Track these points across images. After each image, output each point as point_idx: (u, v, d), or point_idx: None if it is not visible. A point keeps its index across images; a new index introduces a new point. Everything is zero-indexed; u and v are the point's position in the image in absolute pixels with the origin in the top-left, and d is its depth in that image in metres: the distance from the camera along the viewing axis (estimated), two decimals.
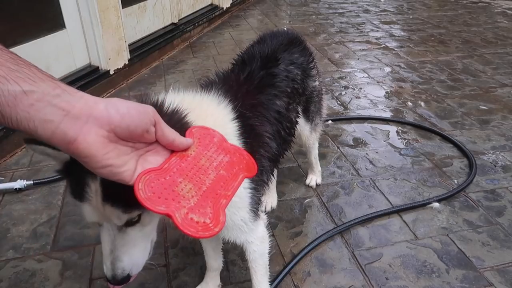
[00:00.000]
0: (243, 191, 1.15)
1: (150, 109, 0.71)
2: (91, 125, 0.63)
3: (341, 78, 3.69)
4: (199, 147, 0.83)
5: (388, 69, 3.92)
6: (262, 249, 1.35)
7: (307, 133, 1.92)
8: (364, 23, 5.49)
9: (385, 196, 2.17)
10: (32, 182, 2.13)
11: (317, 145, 2.13)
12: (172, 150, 0.79)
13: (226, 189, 0.80)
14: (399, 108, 3.15)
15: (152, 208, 0.69)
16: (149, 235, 0.96)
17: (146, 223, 0.91)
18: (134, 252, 0.91)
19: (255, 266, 1.39)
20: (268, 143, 1.30)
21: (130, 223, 0.88)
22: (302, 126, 1.85)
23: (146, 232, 0.94)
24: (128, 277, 0.90)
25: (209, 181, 0.79)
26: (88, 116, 0.63)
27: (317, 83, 1.84)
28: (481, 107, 3.18)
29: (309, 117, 1.86)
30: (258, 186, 1.23)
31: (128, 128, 0.67)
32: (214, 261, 1.57)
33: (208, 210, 0.74)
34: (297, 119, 1.68)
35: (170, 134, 0.75)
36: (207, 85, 1.27)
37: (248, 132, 1.17)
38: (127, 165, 0.69)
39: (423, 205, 2.09)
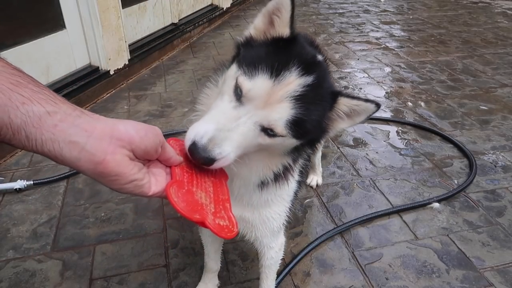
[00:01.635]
0: (292, 184, 1.17)
1: (159, 131, 0.76)
2: (115, 145, 0.67)
3: (341, 78, 3.69)
4: (184, 157, 0.87)
5: (388, 69, 3.92)
6: (278, 257, 1.39)
7: None
8: (364, 23, 5.49)
9: (385, 196, 2.17)
10: (32, 182, 2.13)
11: (321, 147, 2.13)
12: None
13: (223, 193, 0.87)
14: (399, 108, 3.15)
15: (191, 217, 0.75)
16: (254, 148, 0.89)
17: (274, 147, 0.89)
18: (238, 150, 0.85)
19: (267, 272, 1.41)
20: None
21: (268, 132, 0.85)
22: None
23: (260, 146, 0.88)
24: (212, 161, 0.82)
25: (210, 188, 0.86)
26: (110, 137, 0.66)
27: None
28: (481, 107, 3.18)
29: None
30: (301, 180, 1.26)
31: (146, 148, 0.72)
32: (215, 263, 1.57)
33: (223, 214, 0.82)
34: None
35: (169, 152, 0.81)
36: None
37: None
38: (145, 178, 0.74)
39: (423, 205, 2.09)
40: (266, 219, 1.18)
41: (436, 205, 2.09)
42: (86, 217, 1.97)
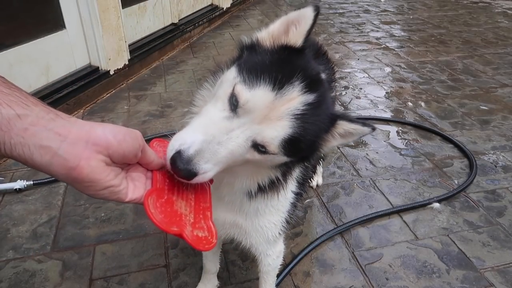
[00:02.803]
0: (288, 194, 1.13)
1: (139, 135, 0.73)
2: (90, 150, 0.64)
3: (341, 78, 3.68)
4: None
5: (388, 69, 3.92)
6: (276, 264, 1.38)
7: None
8: (364, 23, 5.49)
9: (385, 197, 2.17)
10: (32, 182, 2.13)
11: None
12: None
13: (204, 200, 0.84)
14: (400, 108, 3.15)
15: (168, 229, 0.72)
16: (239, 163, 0.84)
17: (262, 160, 0.83)
18: (220, 166, 0.79)
19: (266, 277, 1.41)
20: None
21: (259, 148, 0.79)
22: None
23: (247, 161, 0.84)
24: (194, 175, 0.75)
25: (192, 194, 0.82)
26: (86, 141, 0.63)
27: (333, 93, 1.85)
28: (481, 107, 3.18)
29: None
30: (301, 191, 1.23)
31: (123, 153, 0.69)
32: (213, 265, 1.56)
33: (202, 224, 0.79)
34: None
35: (150, 156, 0.78)
36: None
37: None
38: (122, 184, 0.71)
39: (423, 205, 2.09)
40: (259, 228, 1.15)
41: (436, 205, 2.09)
42: (86, 217, 1.97)
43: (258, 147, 0.79)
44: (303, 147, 0.83)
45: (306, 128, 0.80)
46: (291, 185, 1.13)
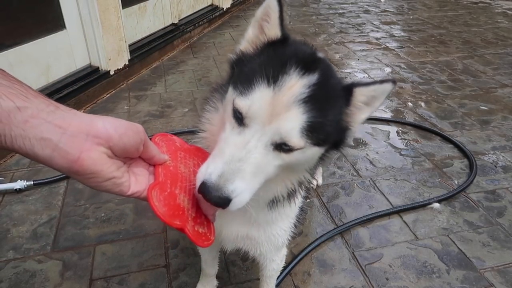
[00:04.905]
0: (298, 200, 1.11)
1: (141, 129, 0.73)
2: (91, 142, 0.64)
3: (341, 78, 3.68)
4: (171, 156, 0.85)
5: (388, 70, 3.92)
6: (279, 268, 1.38)
7: None
8: (364, 23, 5.49)
9: (385, 197, 2.17)
10: (32, 182, 2.13)
11: None
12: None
13: None
14: (400, 108, 3.15)
15: (171, 223, 0.72)
16: (273, 173, 0.80)
17: (297, 163, 0.80)
18: (255, 183, 0.76)
19: (268, 281, 1.41)
20: None
21: (281, 148, 0.75)
22: None
23: (279, 167, 0.79)
24: (228, 200, 0.72)
25: (194, 189, 0.81)
26: (86, 133, 0.63)
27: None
28: (481, 107, 3.18)
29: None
30: (308, 194, 1.22)
31: (124, 146, 0.69)
32: (212, 268, 1.55)
33: (203, 219, 0.78)
34: None
35: (152, 150, 0.78)
36: None
37: None
38: (125, 177, 0.71)
39: (423, 205, 2.09)
40: (272, 236, 1.13)
41: (436, 205, 2.09)
42: (86, 217, 1.97)
43: (282, 147, 0.76)
44: (329, 130, 0.79)
45: (322, 108, 0.76)
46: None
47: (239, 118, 0.76)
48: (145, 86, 3.43)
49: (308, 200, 2.13)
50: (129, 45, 3.50)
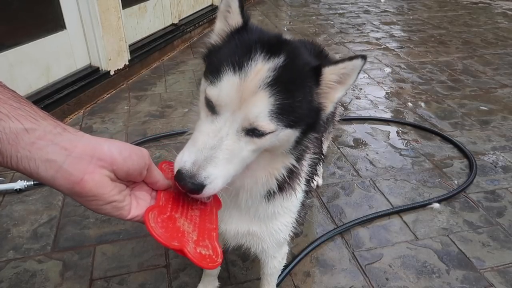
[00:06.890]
0: (298, 194, 1.12)
1: (146, 153, 0.73)
2: (95, 165, 0.64)
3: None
4: (173, 186, 0.84)
5: (388, 70, 3.92)
6: (280, 266, 1.38)
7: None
8: (364, 23, 5.50)
9: (385, 197, 2.17)
10: (32, 182, 2.13)
11: (330, 135, 2.12)
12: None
13: (210, 222, 0.83)
14: (399, 108, 3.15)
15: (169, 244, 0.71)
16: (249, 158, 0.82)
17: (273, 146, 0.81)
18: (229, 168, 0.77)
19: (269, 279, 1.41)
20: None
21: (253, 132, 0.77)
22: None
23: (255, 152, 0.81)
24: (201, 187, 0.75)
25: (196, 216, 0.81)
26: (91, 156, 0.64)
27: None
28: (481, 107, 3.18)
29: (325, 125, 1.86)
30: (309, 189, 1.23)
31: (128, 170, 0.69)
32: (214, 269, 1.56)
33: (207, 243, 0.77)
34: None
35: (157, 175, 0.78)
36: None
37: None
38: (126, 200, 0.71)
39: (423, 205, 2.09)
40: (273, 231, 1.14)
41: (436, 205, 2.09)
42: (86, 217, 1.98)
43: (253, 132, 0.77)
44: (300, 111, 0.80)
45: (289, 89, 0.77)
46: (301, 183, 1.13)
47: (211, 107, 0.78)
48: (145, 86, 3.43)
49: (308, 200, 2.13)
50: (129, 45, 3.51)
